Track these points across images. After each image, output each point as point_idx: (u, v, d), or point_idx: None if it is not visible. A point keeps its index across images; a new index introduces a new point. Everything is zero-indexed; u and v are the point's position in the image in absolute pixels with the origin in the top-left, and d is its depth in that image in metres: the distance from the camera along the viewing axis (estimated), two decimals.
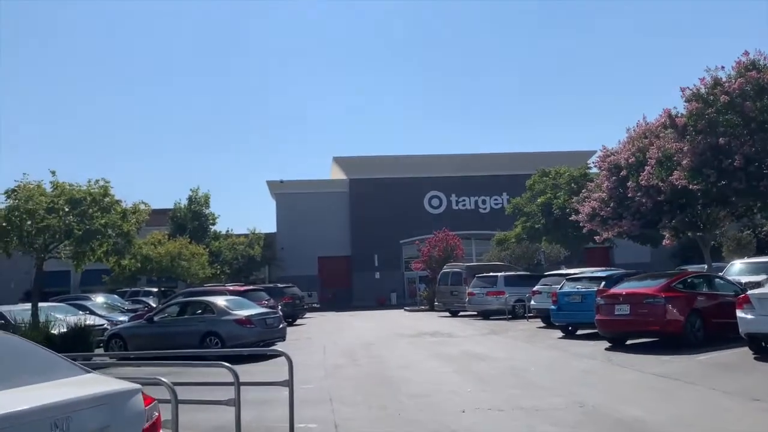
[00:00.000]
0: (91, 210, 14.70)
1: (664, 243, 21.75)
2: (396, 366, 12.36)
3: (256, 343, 15.19)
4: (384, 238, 47.51)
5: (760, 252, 34.38)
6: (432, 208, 50.05)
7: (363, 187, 48.67)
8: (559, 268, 32.03)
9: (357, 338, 19.17)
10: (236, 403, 5.85)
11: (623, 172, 18.07)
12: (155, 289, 32.47)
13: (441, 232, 38.16)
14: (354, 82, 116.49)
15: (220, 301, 15.82)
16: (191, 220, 37.90)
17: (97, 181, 15.37)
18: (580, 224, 21.13)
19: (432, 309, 33.52)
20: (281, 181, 49.21)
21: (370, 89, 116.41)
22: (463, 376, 10.61)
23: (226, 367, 6.04)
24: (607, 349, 13.32)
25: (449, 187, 49.88)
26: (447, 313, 29.14)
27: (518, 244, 32.47)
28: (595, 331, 16.98)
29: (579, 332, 16.98)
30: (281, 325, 15.95)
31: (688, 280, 13.42)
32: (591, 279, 16.79)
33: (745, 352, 11.30)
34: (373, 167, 48.78)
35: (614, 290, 13.59)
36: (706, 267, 20.33)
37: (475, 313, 26.74)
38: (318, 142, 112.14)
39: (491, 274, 26.50)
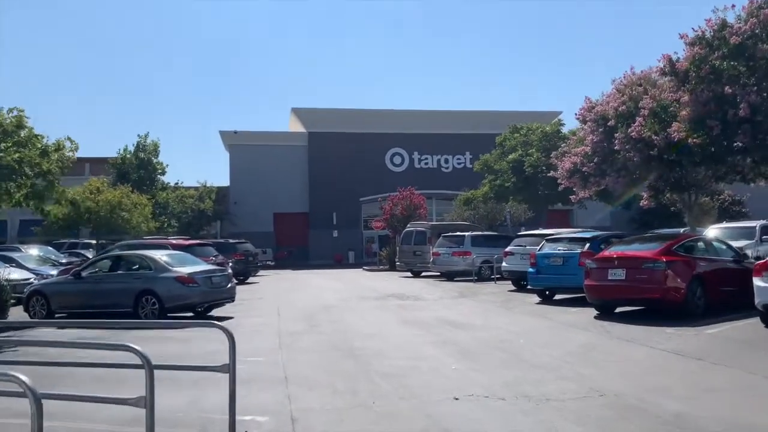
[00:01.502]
0: (2, 144, 12.32)
1: (642, 204, 20.55)
2: (363, 334, 10.70)
3: (200, 304, 13.32)
4: (343, 196, 45.62)
5: (721, 219, 34.03)
6: (394, 165, 48.27)
7: (323, 141, 46.41)
8: (519, 230, 30.94)
9: (315, 299, 17.47)
10: (147, 403, 4.03)
11: (611, 123, 16.57)
12: (102, 242, 29.97)
13: (405, 190, 36.53)
14: (316, 30, 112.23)
15: (159, 255, 13.79)
16: (137, 168, 35.00)
17: (10, 110, 12.95)
18: (558, 181, 19.66)
19: (393, 269, 32.09)
20: (235, 132, 46.45)
21: (333, 39, 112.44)
22: (443, 349, 9.01)
23: (136, 352, 4.17)
24: (596, 317, 11.96)
25: (412, 144, 48.11)
26: (409, 274, 27.73)
27: (485, 203, 31.05)
28: (573, 296, 15.82)
29: (556, 297, 15.70)
30: (230, 285, 14.07)
31: (689, 244, 12.06)
32: (573, 240, 15.40)
33: (755, 325, 10.06)
34: (334, 120, 46.46)
35: (608, 253, 12.17)
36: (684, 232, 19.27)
37: (439, 273, 25.41)
38: (276, 92, 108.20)
39: (457, 233, 25.07)
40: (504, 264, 19.06)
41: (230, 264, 24.30)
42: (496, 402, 5.97)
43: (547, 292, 15.62)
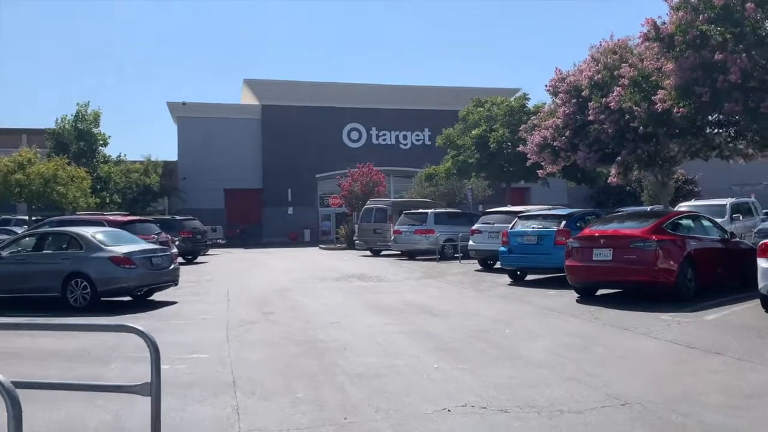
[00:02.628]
0: None
1: (609, 181, 19.79)
2: (325, 323, 9.42)
3: (138, 287, 11.76)
4: (299, 172, 43.93)
5: (678, 198, 34.03)
6: (351, 141, 46.77)
7: (277, 114, 44.44)
8: (478, 208, 30.11)
9: (270, 281, 16.08)
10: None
11: (585, 93, 15.59)
12: (34, 219, 27.65)
13: (364, 166, 35.21)
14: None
15: (91, 232, 12.11)
16: (76, 139, 32.39)
17: None
18: (528, 156, 18.66)
19: (351, 247, 30.91)
20: (183, 103, 43.99)
21: (289, 7, 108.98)
22: (419, 342, 7.83)
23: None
24: (578, 301, 11.02)
25: (370, 119, 46.63)
26: (368, 253, 26.56)
27: (447, 179, 29.98)
28: (545, 276, 14.95)
29: (528, 278, 14.77)
30: (172, 266, 12.52)
31: (677, 221, 11.17)
32: (548, 218, 14.41)
33: (756, 310, 9.25)
34: (289, 93, 44.47)
35: (592, 231, 11.17)
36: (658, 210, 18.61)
37: (400, 252, 24.33)
38: (228, 63, 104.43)
39: (420, 210, 23.99)
40: (471, 243, 18.04)
41: (176, 242, 22.69)
42: (499, 415, 4.80)
43: (518, 273, 14.67)
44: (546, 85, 17.90)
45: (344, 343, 7.78)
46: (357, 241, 27.58)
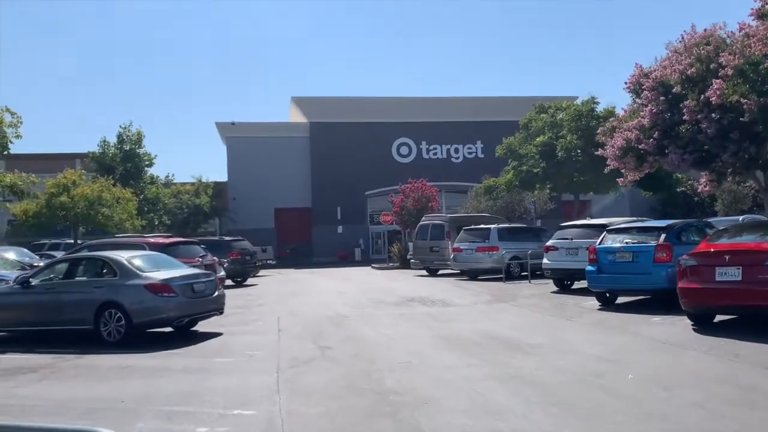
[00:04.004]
0: None
1: (700, 189, 17.63)
2: (393, 363, 7.80)
3: (178, 318, 10.42)
4: (348, 189, 42.72)
5: (756, 208, 31.17)
6: (401, 156, 45.33)
7: (325, 131, 43.44)
8: (533, 223, 28.06)
9: (323, 306, 14.59)
10: None
11: (676, 89, 13.63)
12: (81, 242, 27.07)
13: (416, 182, 33.69)
14: (317, 16, 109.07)
15: (126, 257, 10.86)
16: (122, 161, 31.92)
17: None
18: (606, 162, 16.72)
19: (404, 266, 29.28)
20: (232, 123, 43.56)
21: (335, 24, 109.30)
22: (518, 392, 6.12)
23: None
24: (696, 330, 9.08)
25: (420, 133, 45.14)
26: (424, 272, 24.88)
27: (508, 191, 28.09)
28: (637, 298, 12.99)
29: (619, 300, 12.82)
30: (217, 293, 11.15)
31: None
32: (644, 231, 12.45)
33: None
34: (336, 110, 43.49)
35: (713, 245, 9.24)
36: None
37: (458, 272, 22.53)
38: (276, 81, 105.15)
39: (482, 226, 22.18)
40: (545, 260, 16.16)
41: (225, 264, 21.57)
42: None
43: (607, 295, 12.73)
44: (626, 83, 16.00)
45: (422, 395, 6.13)
46: (412, 260, 25.93)
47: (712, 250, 9.01)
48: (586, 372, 6.83)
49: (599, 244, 12.61)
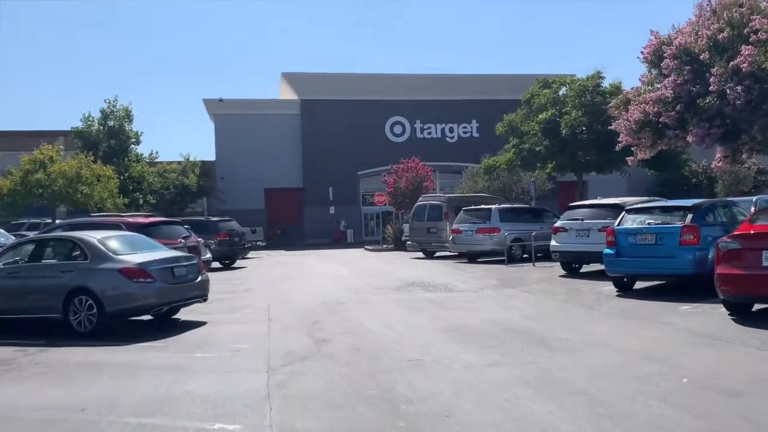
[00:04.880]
0: None
1: (714, 165, 16.67)
2: (401, 361, 6.78)
3: (156, 306, 9.33)
4: (340, 169, 41.51)
5: (758, 190, 30.39)
6: (394, 135, 44.12)
7: (316, 108, 42.08)
8: (531, 203, 27.09)
9: (317, 291, 13.55)
10: None
11: (704, 56, 12.56)
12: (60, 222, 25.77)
13: (410, 161, 32.61)
14: None
15: (99, 238, 9.74)
16: (106, 137, 30.45)
17: None
18: (619, 138, 15.70)
19: (399, 248, 28.32)
20: (220, 100, 42.10)
21: None
22: (555, 398, 5.12)
23: None
24: (735, 321, 8.13)
25: (414, 112, 43.88)
26: (421, 254, 23.89)
27: (509, 171, 27.02)
28: (657, 283, 12.06)
29: (637, 286, 11.87)
30: (200, 277, 10.06)
31: None
32: (667, 210, 11.46)
33: None
34: (328, 87, 42.08)
35: (757, 226, 8.24)
36: None
37: (457, 254, 21.54)
38: (266, 56, 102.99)
39: (482, 207, 21.17)
40: (553, 242, 15.17)
41: (212, 246, 20.46)
42: None
43: (624, 279, 11.78)
44: (642, 52, 14.91)
45: (442, 404, 5.11)
46: (408, 242, 24.92)
47: (758, 231, 8.02)
48: (631, 374, 5.84)
49: (618, 225, 11.62)
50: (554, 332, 8.04)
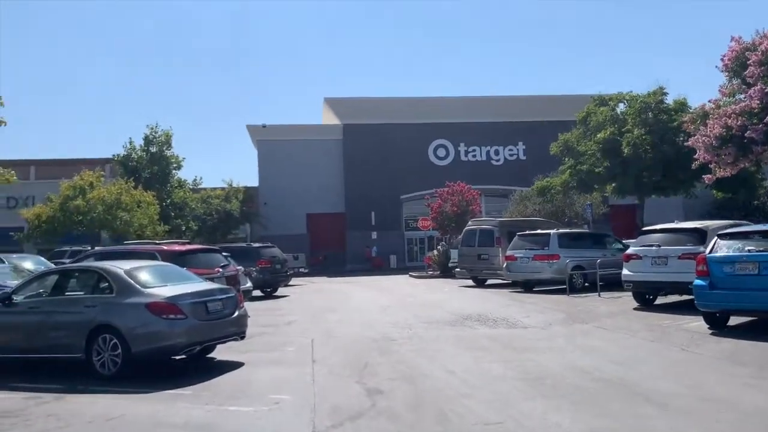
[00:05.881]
0: None
1: None
2: (475, 420, 5.52)
3: (188, 346, 8.28)
4: (383, 193, 40.65)
5: None
6: (438, 159, 43.10)
7: (359, 133, 41.43)
8: (582, 227, 25.46)
9: (364, 325, 12.36)
10: None
11: None
12: (92, 250, 25.34)
13: (455, 184, 31.44)
14: (348, 15, 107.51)
15: (127, 268, 8.81)
16: (149, 163, 30.19)
17: None
18: (695, 155, 14.19)
19: (445, 275, 26.97)
20: (264, 126, 41.89)
21: (367, 22, 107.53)
22: None
23: None
24: None
25: (458, 134, 42.84)
26: (470, 282, 22.50)
27: (564, 193, 25.51)
28: (750, 319, 10.47)
29: (731, 322, 10.31)
30: (236, 313, 9.01)
31: None
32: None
33: None
34: (370, 111, 41.42)
35: None
36: None
37: (509, 282, 20.08)
38: (308, 81, 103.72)
39: (539, 231, 19.74)
40: (625, 271, 13.67)
41: (253, 274, 19.56)
42: None
43: (717, 315, 10.23)
44: (722, 59, 13.44)
45: None
46: (457, 269, 23.55)
47: None
48: None
49: (710, 252, 10.12)
50: (655, 383, 6.64)
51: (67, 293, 9.02)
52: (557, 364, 7.90)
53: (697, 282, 10.07)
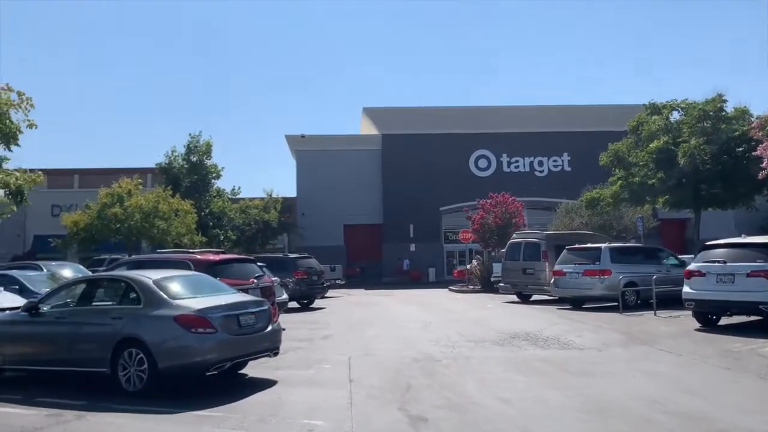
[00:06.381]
0: None
1: None
2: None
3: (218, 363, 7.73)
4: (421, 205, 39.93)
5: None
6: (479, 170, 42.18)
7: (398, 143, 40.90)
8: (629, 241, 24.24)
9: (404, 342, 11.66)
10: None
11: None
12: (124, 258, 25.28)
13: (498, 196, 30.50)
14: (388, 24, 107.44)
15: (156, 278, 8.33)
16: (188, 173, 30.19)
17: None
18: (763, 165, 13.14)
19: (487, 290, 26.05)
20: (302, 136, 41.74)
21: (407, 32, 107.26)
22: None
23: None
24: None
25: (500, 145, 41.90)
26: (514, 297, 21.59)
27: (615, 205, 24.39)
28: None
29: None
30: (270, 327, 8.43)
31: None
32: None
33: None
34: (409, 121, 40.89)
35: None
36: None
37: (555, 298, 19.13)
38: (347, 91, 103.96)
39: (589, 245, 18.75)
40: (686, 289, 12.65)
41: (290, 285, 19.10)
42: None
43: None
44: None
45: None
46: (501, 284, 22.64)
47: None
48: None
49: None
50: (735, 418, 5.78)
51: (94, 303, 8.59)
52: (621, 391, 7.07)
53: None
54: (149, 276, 8.47)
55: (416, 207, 39.79)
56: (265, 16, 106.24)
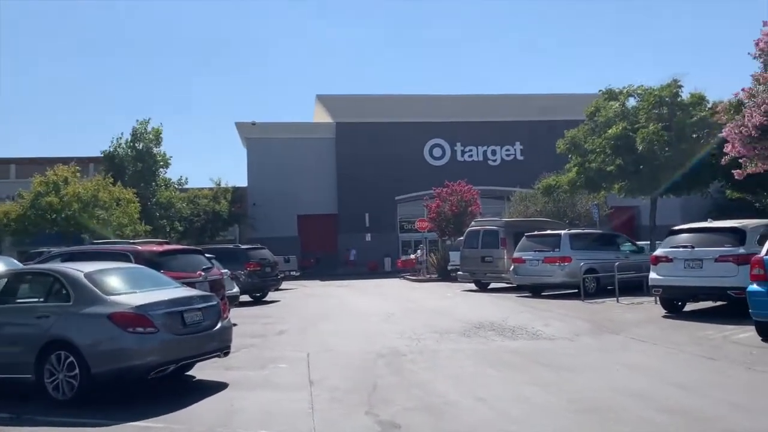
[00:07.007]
0: None
1: None
2: None
3: (160, 366, 6.87)
4: (377, 194, 39.27)
5: None
6: (433, 159, 41.86)
7: (352, 132, 40.07)
8: (581, 227, 24.22)
9: (367, 336, 10.98)
10: None
11: None
12: (57, 250, 23.70)
13: (455, 184, 30.15)
14: (341, 10, 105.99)
15: (88, 271, 7.39)
16: (133, 161, 28.59)
17: None
18: (727, 149, 12.98)
19: (443, 278, 25.68)
20: (253, 123, 40.40)
21: (361, 18, 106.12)
22: None
23: None
24: None
25: (454, 134, 41.69)
26: (472, 286, 21.23)
27: (572, 192, 24.25)
28: None
29: None
30: (219, 324, 7.61)
31: None
32: None
33: None
34: (364, 109, 40.15)
35: None
36: None
37: (513, 285, 18.81)
38: (299, 78, 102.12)
39: (548, 232, 18.47)
40: (653, 275, 12.38)
41: (241, 277, 18.16)
42: None
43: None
44: (756, 44, 12.24)
45: None
46: (460, 273, 22.24)
47: None
48: None
49: (766, 253, 8.84)
50: (737, 416, 5.31)
51: (17, 301, 7.57)
52: (607, 387, 6.56)
53: (753, 288, 8.80)
54: (80, 269, 7.51)
55: (371, 196, 39.16)
56: (214, 1, 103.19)
